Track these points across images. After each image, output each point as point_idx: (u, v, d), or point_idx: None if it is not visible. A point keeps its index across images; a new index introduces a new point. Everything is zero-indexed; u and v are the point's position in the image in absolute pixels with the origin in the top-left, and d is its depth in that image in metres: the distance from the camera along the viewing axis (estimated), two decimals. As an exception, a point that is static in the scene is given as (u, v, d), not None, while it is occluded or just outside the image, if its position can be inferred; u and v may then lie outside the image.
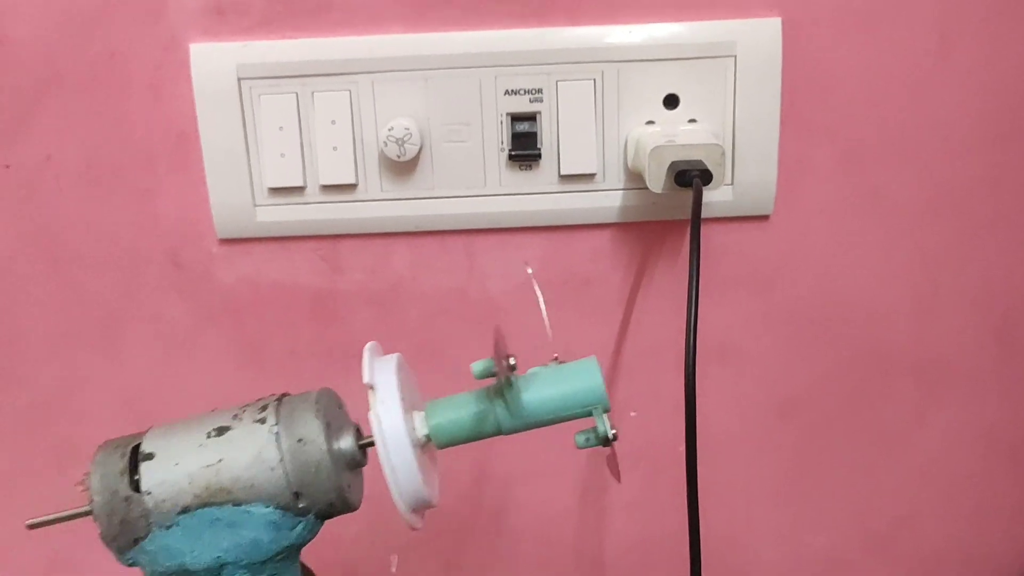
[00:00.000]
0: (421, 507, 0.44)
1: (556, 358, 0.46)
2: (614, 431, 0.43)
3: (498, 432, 0.44)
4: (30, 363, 0.68)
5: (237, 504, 0.41)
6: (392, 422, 0.42)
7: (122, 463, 0.42)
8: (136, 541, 0.42)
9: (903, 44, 0.62)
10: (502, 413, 0.44)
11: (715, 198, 0.63)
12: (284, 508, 0.42)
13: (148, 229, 0.65)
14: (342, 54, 0.61)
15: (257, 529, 0.41)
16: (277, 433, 0.42)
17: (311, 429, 0.42)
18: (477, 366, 0.43)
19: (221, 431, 0.42)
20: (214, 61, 0.61)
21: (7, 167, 0.64)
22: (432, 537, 0.73)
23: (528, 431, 0.45)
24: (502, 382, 0.42)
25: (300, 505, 0.42)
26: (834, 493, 0.72)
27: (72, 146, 0.64)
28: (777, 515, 0.72)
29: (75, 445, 0.69)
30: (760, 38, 0.61)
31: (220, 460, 0.41)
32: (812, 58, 0.62)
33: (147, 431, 0.44)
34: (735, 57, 0.61)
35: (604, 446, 0.44)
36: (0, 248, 0.65)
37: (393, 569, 0.74)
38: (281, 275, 0.66)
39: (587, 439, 0.44)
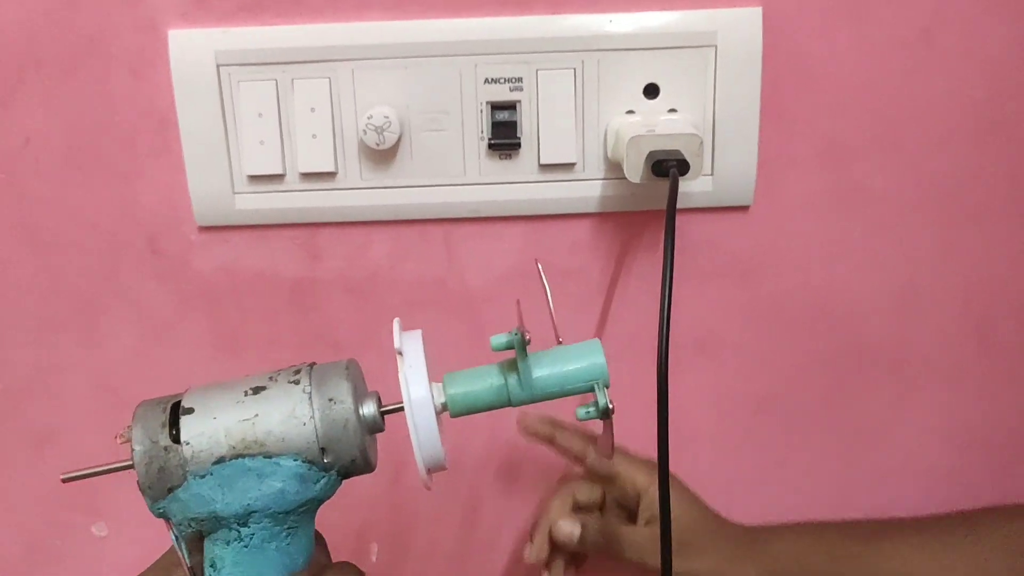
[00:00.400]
0: (436, 469, 0.48)
1: (560, 341, 0.50)
2: (613, 404, 0.47)
3: (508, 403, 0.48)
4: (8, 347, 0.68)
5: (268, 456, 0.44)
6: (419, 386, 0.46)
7: (163, 416, 0.45)
8: (171, 490, 0.44)
9: (886, 36, 0.62)
10: (514, 385, 0.47)
11: (695, 188, 0.63)
12: (311, 462, 0.45)
13: (127, 215, 0.65)
14: (322, 41, 0.61)
15: (285, 480, 0.44)
16: (310, 393, 0.45)
17: (341, 390, 0.45)
18: (496, 340, 0.46)
19: (258, 390, 0.45)
20: (193, 47, 0.61)
21: (-14, 151, 0.64)
22: (411, 526, 0.73)
23: (534, 403, 0.48)
24: (518, 354, 0.46)
25: (326, 460, 0.45)
26: (810, 487, 0.72)
27: (52, 130, 0.64)
28: (754, 507, 0.72)
29: (53, 429, 0.70)
30: (741, 28, 0.61)
31: (256, 415, 0.44)
32: (793, 49, 0.62)
33: (186, 391, 0.46)
34: (715, 47, 0.61)
35: (603, 418, 0.48)
36: (-23, 232, 0.65)
37: (373, 558, 0.74)
38: (260, 263, 0.66)
39: (587, 412, 0.48)
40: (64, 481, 0.46)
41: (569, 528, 0.62)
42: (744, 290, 0.67)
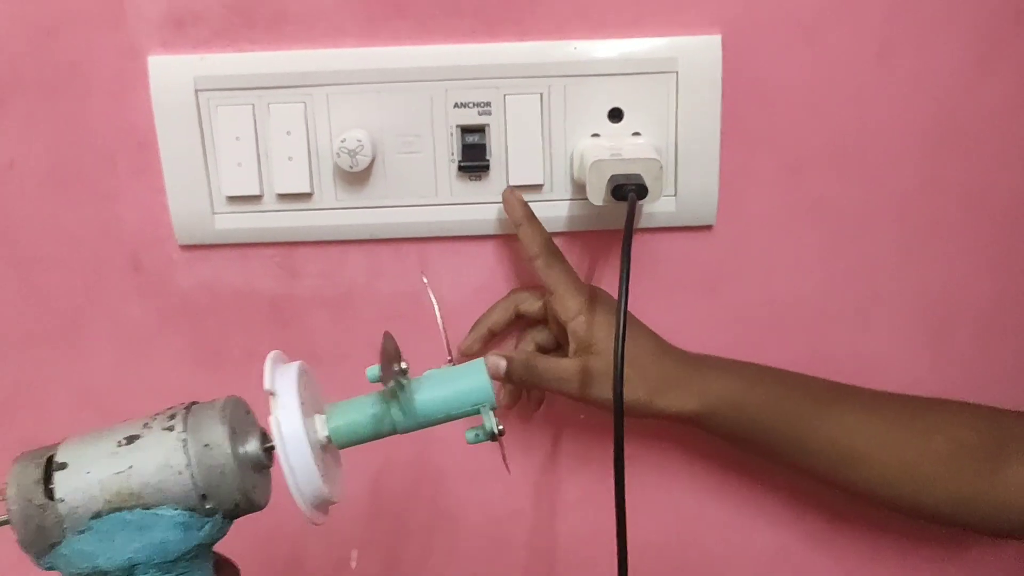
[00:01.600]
0: (322, 504, 0.47)
1: (450, 361, 0.50)
2: (500, 427, 0.47)
3: (394, 431, 0.48)
4: (-7, 364, 0.70)
5: (146, 508, 0.44)
6: (290, 425, 0.44)
7: (37, 473, 0.44)
8: (52, 546, 0.44)
9: (843, 56, 0.64)
10: (396, 414, 0.47)
11: (659, 208, 0.66)
12: (191, 509, 0.44)
13: (109, 234, 0.67)
14: (297, 67, 0.63)
15: (166, 530, 0.44)
16: (184, 439, 0.44)
17: (216, 434, 0.44)
18: (371, 372, 0.46)
19: (131, 439, 0.45)
20: (172, 73, 0.63)
21: (-29, 173, 0.66)
22: (390, 533, 0.75)
23: (423, 429, 0.48)
24: (392, 386, 0.46)
25: (207, 506, 0.44)
26: (775, 491, 0.74)
27: (35, 152, 0.65)
28: (720, 513, 0.74)
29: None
30: (701, 54, 0.63)
31: (130, 467, 0.44)
32: (752, 73, 0.64)
33: (62, 442, 0.46)
34: (677, 72, 0.63)
35: (492, 440, 0.48)
36: (-36, 252, 0.67)
37: (353, 564, 0.76)
38: (239, 280, 0.68)
39: (476, 435, 0.48)
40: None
41: (494, 360, 0.63)
42: (709, 304, 0.69)
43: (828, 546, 0.76)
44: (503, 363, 0.63)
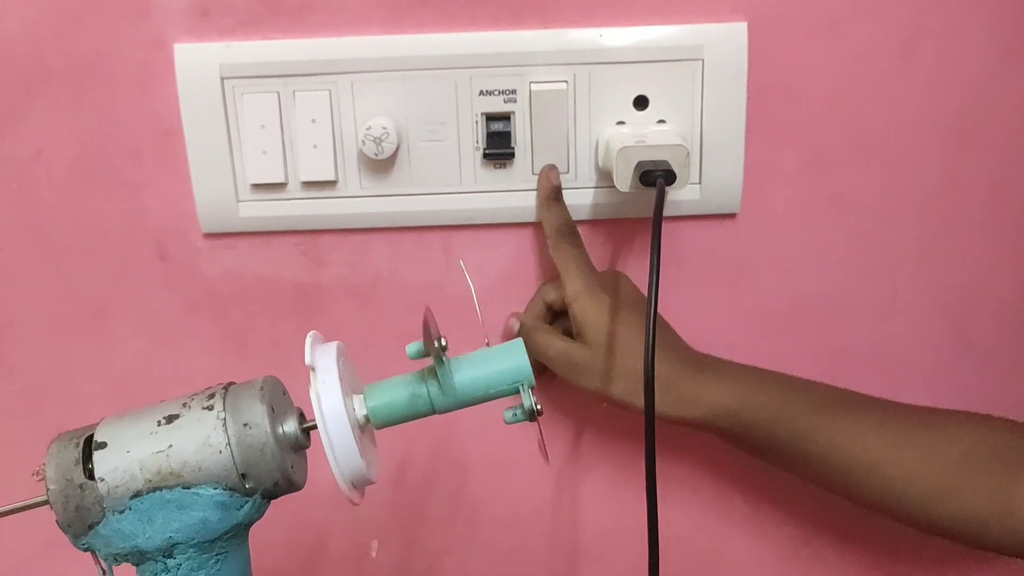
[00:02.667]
0: (360, 483, 0.47)
1: (487, 343, 0.50)
2: (539, 407, 0.47)
3: (431, 411, 0.48)
4: (21, 351, 0.70)
5: (186, 487, 0.44)
6: (331, 401, 0.45)
7: (76, 452, 0.45)
8: (91, 527, 0.44)
9: (867, 49, 0.64)
10: (435, 392, 0.47)
11: (683, 197, 0.65)
12: (232, 489, 0.44)
13: (135, 223, 0.67)
14: (322, 55, 0.63)
15: (206, 509, 0.44)
16: (224, 419, 0.44)
17: (256, 413, 0.45)
18: (411, 348, 0.46)
19: (171, 419, 0.45)
20: (198, 61, 0.63)
21: (-1, 162, 0.66)
22: (411, 523, 0.75)
23: (456, 411, 0.48)
24: (434, 362, 0.46)
25: (247, 486, 0.45)
26: (799, 485, 0.73)
27: (62, 141, 0.66)
28: (744, 506, 0.74)
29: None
30: (727, 42, 0.63)
31: (170, 446, 0.44)
32: (778, 62, 0.64)
33: (100, 422, 0.46)
34: (702, 60, 0.63)
35: (530, 420, 0.48)
36: (-8, 240, 0.68)
37: (373, 554, 0.76)
38: (264, 268, 0.68)
39: (514, 414, 0.48)
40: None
41: (511, 322, 0.67)
42: (732, 294, 0.69)
43: (850, 540, 0.75)
44: (516, 325, 0.65)
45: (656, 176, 0.58)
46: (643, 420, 0.55)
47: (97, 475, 0.44)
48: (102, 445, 0.44)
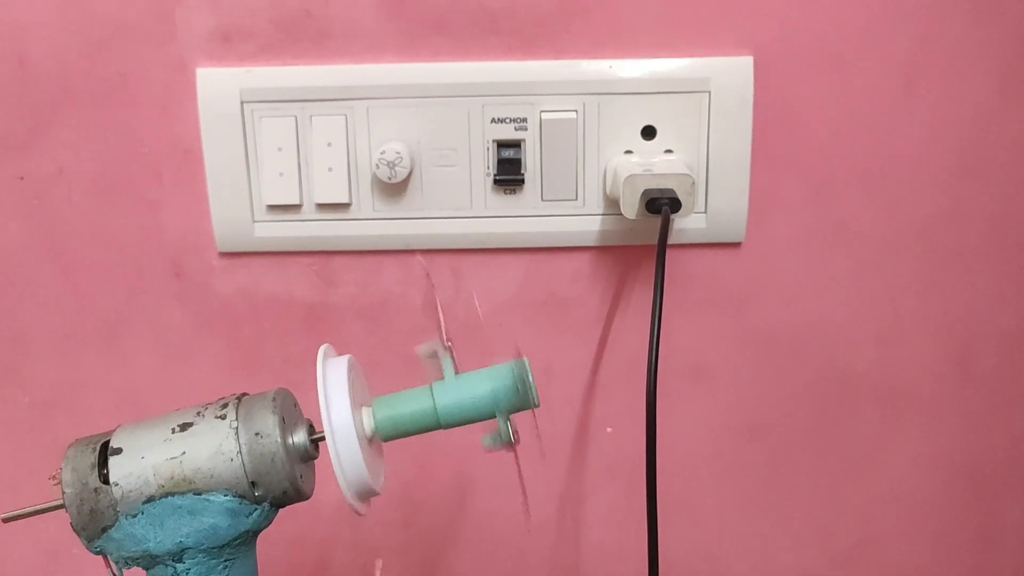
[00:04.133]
0: (366, 494, 0.48)
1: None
2: (516, 435, 0.48)
3: (436, 423, 0.49)
4: (35, 363, 0.72)
5: (198, 493, 0.45)
6: (339, 412, 0.46)
7: (92, 457, 0.46)
8: (104, 530, 0.46)
9: (871, 84, 0.66)
10: (439, 404, 0.48)
11: (689, 225, 0.67)
12: (241, 496, 0.46)
13: (152, 240, 0.69)
14: (339, 81, 0.65)
15: (216, 515, 0.45)
16: (236, 428, 0.46)
17: (267, 424, 0.46)
18: (423, 348, 0.48)
19: (185, 427, 0.46)
20: (219, 85, 0.65)
21: (21, 178, 0.68)
22: (415, 542, 0.76)
23: (466, 424, 0.49)
24: (439, 363, 0.48)
25: (256, 493, 0.46)
26: (800, 512, 0.74)
27: (83, 160, 0.68)
28: (746, 531, 0.75)
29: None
30: (733, 75, 0.64)
31: (183, 453, 0.45)
32: (782, 95, 0.66)
33: (116, 429, 0.47)
34: (709, 92, 0.64)
35: (506, 448, 0.48)
36: (11, 253, 0.69)
37: (378, 573, 0.77)
38: (277, 288, 0.70)
39: (493, 440, 0.49)
40: (4, 521, 0.48)
41: None
42: (736, 321, 0.70)
43: (852, 569, 0.76)
44: None
45: (662, 204, 0.60)
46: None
47: (112, 479, 0.45)
48: (118, 451, 0.46)
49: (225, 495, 0.45)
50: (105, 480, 0.45)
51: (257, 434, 0.46)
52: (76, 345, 0.71)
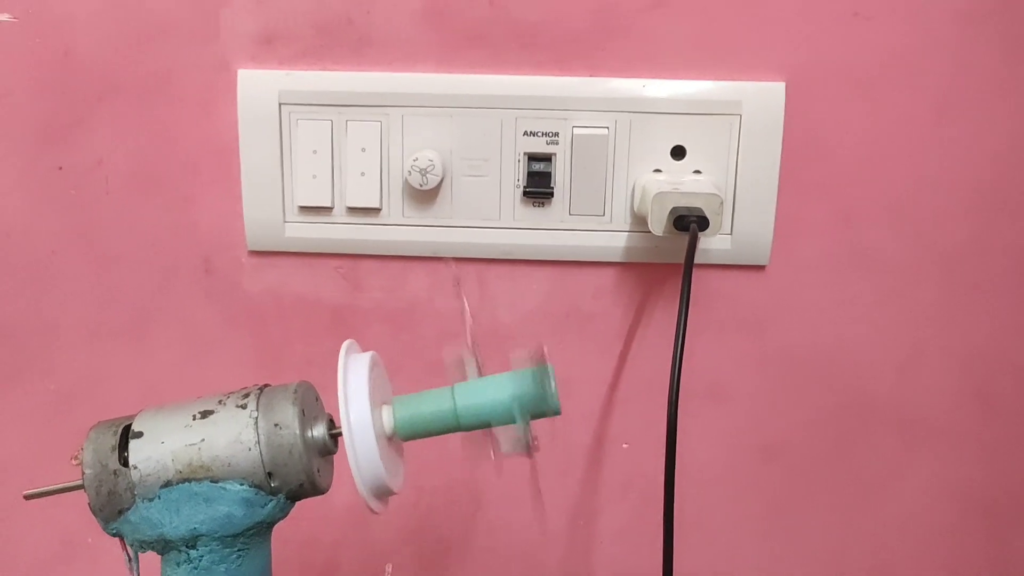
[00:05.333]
0: (382, 493, 0.48)
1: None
2: (535, 440, 0.48)
3: (456, 424, 0.48)
4: (63, 352, 0.73)
5: (215, 481, 0.45)
6: (358, 407, 0.46)
7: (113, 440, 0.46)
8: (121, 512, 0.46)
9: (900, 113, 0.66)
10: (460, 405, 0.48)
11: (714, 246, 0.67)
12: (257, 486, 0.46)
13: (185, 236, 0.70)
14: (376, 88, 0.66)
15: (232, 504, 0.45)
16: (256, 418, 0.46)
17: (287, 415, 0.46)
18: (448, 353, 0.48)
19: (206, 414, 0.47)
20: (259, 86, 0.67)
21: (60, 168, 0.69)
22: (425, 550, 0.76)
23: (485, 428, 0.49)
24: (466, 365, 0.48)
25: (272, 484, 0.46)
26: (813, 538, 0.74)
27: (122, 153, 0.69)
28: (757, 553, 0.75)
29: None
30: (765, 99, 0.65)
31: (202, 440, 0.46)
32: (813, 120, 0.66)
33: (138, 413, 0.48)
34: (740, 116, 0.65)
35: (526, 454, 0.48)
36: (45, 241, 0.71)
37: (387, 578, 0.77)
38: (305, 288, 0.71)
39: (513, 445, 0.48)
40: (26, 498, 0.48)
41: None
42: (757, 344, 0.71)
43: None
44: None
45: (689, 221, 0.60)
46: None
47: (131, 463, 0.46)
48: (138, 434, 0.46)
49: (241, 484, 0.45)
50: (125, 463, 0.46)
51: (276, 425, 0.46)
52: (104, 336, 0.72)
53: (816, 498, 0.74)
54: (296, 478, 0.46)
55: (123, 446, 0.46)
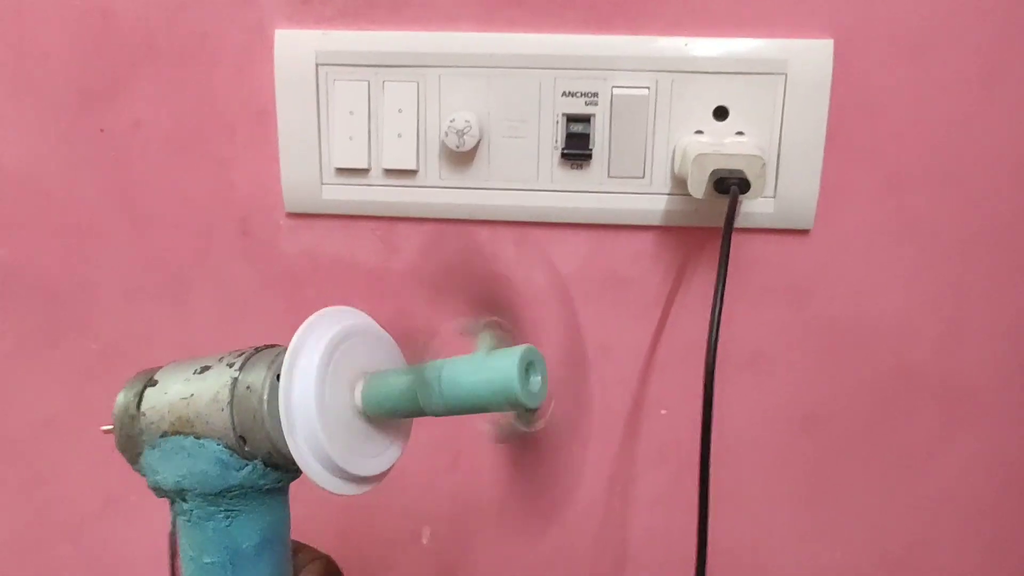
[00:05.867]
0: (342, 475, 0.43)
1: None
2: (534, 425, 0.42)
3: (421, 411, 0.43)
4: (102, 312, 0.73)
5: (197, 437, 0.44)
6: (301, 388, 0.41)
7: (139, 386, 0.47)
8: (137, 456, 0.47)
9: (952, 76, 0.64)
10: (425, 392, 0.42)
11: (756, 209, 0.66)
12: (232, 449, 0.44)
13: (222, 198, 0.70)
14: (413, 48, 0.65)
15: (208, 462, 0.44)
16: (235, 379, 0.44)
17: (258, 378, 0.44)
18: (462, 323, 0.43)
19: (203, 370, 0.46)
20: (296, 47, 0.66)
21: (101, 131, 0.69)
22: (462, 513, 0.76)
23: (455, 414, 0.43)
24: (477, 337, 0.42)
25: (246, 448, 0.44)
26: (852, 509, 0.73)
27: (160, 115, 0.69)
28: (794, 525, 0.74)
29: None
30: (812, 58, 0.63)
31: (192, 395, 0.45)
32: (861, 81, 0.64)
33: (170, 363, 0.48)
34: (786, 75, 0.64)
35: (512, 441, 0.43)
36: (87, 203, 0.71)
37: (424, 541, 0.77)
38: (341, 250, 0.70)
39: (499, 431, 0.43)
40: (105, 432, 0.49)
41: None
42: (798, 311, 0.69)
43: (903, 571, 0.74)
44: None
45: (730, 184, 0.59)
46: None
47: (142, 409, 0.46)
48: (154, 383, 0.47)
49: (218, 444, 0.44)
50: (139, 408, 0.46)
51: (248, 388, 0.44)
52: (144, 296, 0.73)
53: (855, 470, 0.73)
54: (263, 445, 0.44)
55: (142, 392, 0.47)
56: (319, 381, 0.42)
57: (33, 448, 0.77)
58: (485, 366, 0.41)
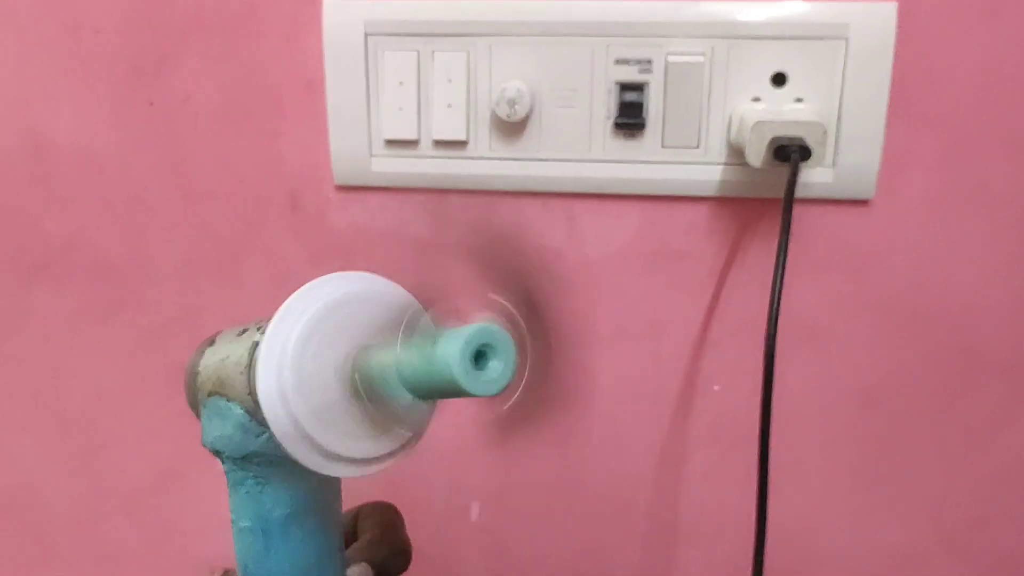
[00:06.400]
0: (325, 454, 0.40)
1: None
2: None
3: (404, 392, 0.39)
4: (155, 287, 0.74)
5: (228, 400, 0.43)
6: (267, 368, 0.39)
7: (204, 345, 0.47)
8: (199, 413, 0.46)
9: (1020, 39, 0.62)
10: (397, 372, 0.39)
11: (815, 179, 0.64)
12: (251, 415, 0.42)
13: (272, 171, 0.70)
14: (463, 16, 0.64)
15: (233, 426, 0.43)
16: (256, 342, 0.42)
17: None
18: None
19: (243, 332, 0.45)
20: (344, 16, 0.65)
21: (151, 104, 0.69)
22: (513, 490, 0.76)
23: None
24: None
25: (260, 415, 0.40)
26: (911, 487, 0.71)
27: (210, 88, 0.69)
28: (851, 503, 0.72)
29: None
30: (874, 22, 0.61)
31: (227, 357, 0.44)
32: (925, 46, 0.62)
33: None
34: (847, 39, 0.61)
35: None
36: (139, 178, 0.71)
37: (473, 517, 0.77)
38: (391, 223, 0.70)
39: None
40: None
41: None
42: (857, 284, 0.68)
43: (963, 551, 0.73)
44: None
45: (790, 152, 0.57)
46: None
47: (199, 368, 0.45)
48: (212, 341, 0.46)
49: (241, 408, 0.43)
50: (198, 367, 0.46)
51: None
52: (195, 271, 0.73)
53: (915, 447, 0.71)
54: None
55: (204, 352, 0.47)
56: (298, 351, 0.39)
57: (88, 421, 0.78)
58: (433, 357, 0.37)
